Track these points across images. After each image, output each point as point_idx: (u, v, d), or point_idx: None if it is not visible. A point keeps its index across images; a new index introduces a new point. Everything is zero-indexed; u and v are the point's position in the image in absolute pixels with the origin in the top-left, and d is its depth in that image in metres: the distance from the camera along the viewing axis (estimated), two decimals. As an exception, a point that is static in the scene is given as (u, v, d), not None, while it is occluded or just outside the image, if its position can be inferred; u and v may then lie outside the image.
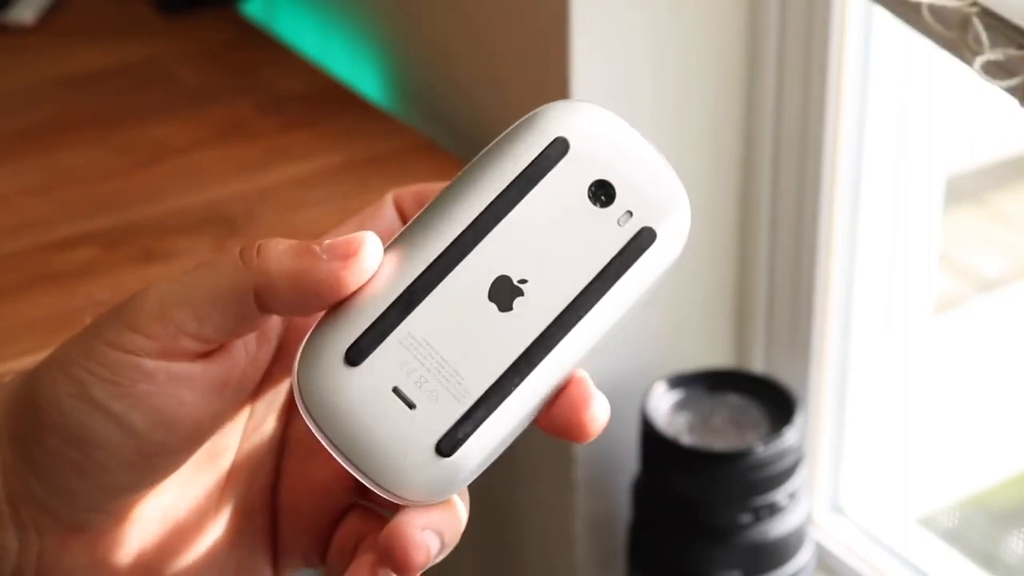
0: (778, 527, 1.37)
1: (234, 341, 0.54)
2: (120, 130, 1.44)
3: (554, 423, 0.53)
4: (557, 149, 0.52)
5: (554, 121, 0.53)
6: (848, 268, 1.41)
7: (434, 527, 0.52)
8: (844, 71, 1.33)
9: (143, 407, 0.52)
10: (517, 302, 0.52)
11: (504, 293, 0.52)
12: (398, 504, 0.52)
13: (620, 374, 1.44)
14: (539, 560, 1.57)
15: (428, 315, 0.51)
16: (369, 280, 0.52)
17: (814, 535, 1.45)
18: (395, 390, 0.51)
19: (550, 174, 0.52)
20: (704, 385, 1.42)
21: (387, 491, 0.52)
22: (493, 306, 0.52)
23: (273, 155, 1.41)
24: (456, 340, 0.51)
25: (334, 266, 0.51)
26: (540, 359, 0.52)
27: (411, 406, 0.51)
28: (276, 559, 0.58)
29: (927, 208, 1.41)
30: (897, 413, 1.48)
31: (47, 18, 1.61)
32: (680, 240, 0.54)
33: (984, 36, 1.05)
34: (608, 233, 0.52)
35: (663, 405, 1.40)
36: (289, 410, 0.58)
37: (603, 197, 0.53)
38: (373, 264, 0.51)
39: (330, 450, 0.52)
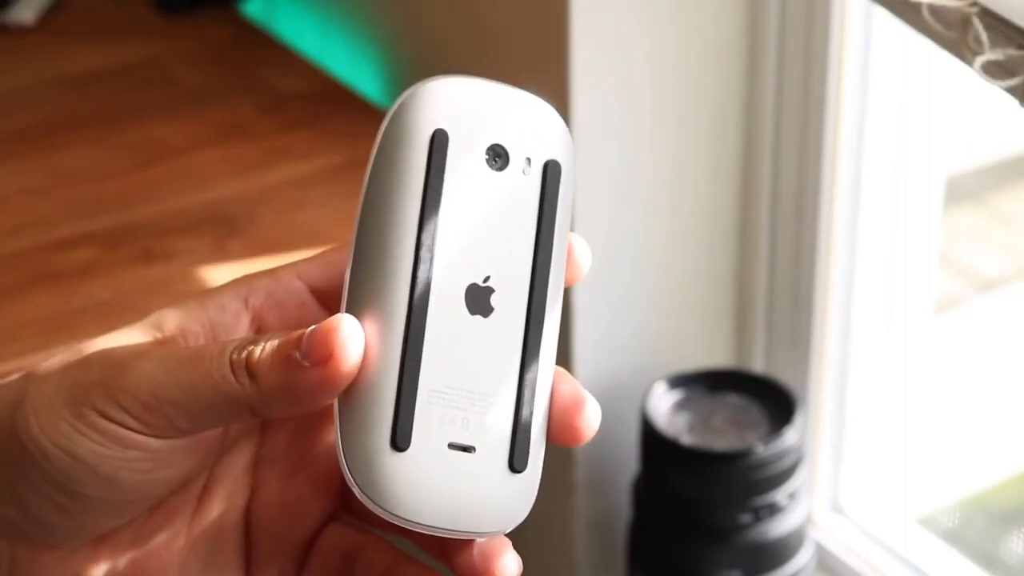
0: (778, 527, 1.37)
1: None
2: (120, 130, 1.44)
3: (551, 431, 0.54)
4: (440, 142, 0.53)
5: (420, 116, 0.53)
6: (848, 268, 1.41)
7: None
8: (844, 71, 1.33)
9: (132, 469, 0.53)
10: (493, 300, 0.53)
11: (479, 300, 0.52)
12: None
13: (620, 374, 1.44)
14: (539, 560, 1.57)
15: (434, 363, 0.52)
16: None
17: (814, 535, 1.45)
18: (450, 446, 0.52)
19: (447, 168, 0.53)
20: (704, 385, 1.42)
21: (496, 534, 0.53)
22: (478, 317, 0.52)
23: (273, 155, 1.41)
24: (468, 367, 0.52)
25: (318, 374, 0.51)
26: (539, 337, 0.53)
27: (470, 450, 0.52)
28: (249, 574, 0.58)
29: (927, 208, 1.41)
30: (897, 413, 1.48)
31: (47, 18, 1.61)
32: (572, 152, 0.55)
33: (984, 36, 1.05)
34: (521, 187, 0.53)
35: (663, 405, 1.40)
36: (262, 429, 0.58)
37: (499, 159, 0.54)
38: (356, 357, 0.51)
39: (428, 532, 0.52)
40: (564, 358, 1.45)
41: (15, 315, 1.22)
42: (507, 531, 0.53)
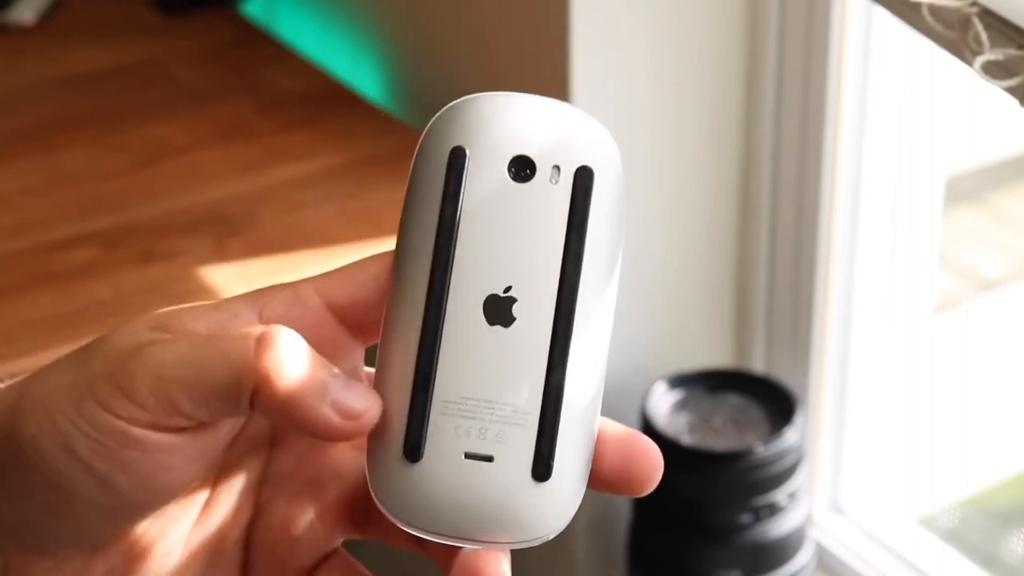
0: (778, 527, 1.37)
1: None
2: (120, 130, 1.44)
3: (615, 481, 0.54)
4: (457, 159, 0.52)
5: (442, 135, 0.53)
6: (848, 268, 1.41)
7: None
8: (844, 71, 1.33)
9: (128, 470, 0.52)
10: (515, 310, 0.52)
11: (500, 310, 0.52)
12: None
13: (620, 374, 1.44)
14: (539, 560, 1.57)
15: (449, 375, 0.51)
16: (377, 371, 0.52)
17: (814, 535, 1.45)
18: (467, 455, 0.51)
19: (465, 184, 0.52)
20: (704, 385, 1.42)
21: (524, 543, 0.52)
22: (498, 327, 0.52)
23: (273, 155, 1.41)
24: (486, 377, 0.52)
25: (335, 422, 0.50)
26: (567, 345, 0.52)
27: (489, 459, 0.51)
28: None
29: (927, 208, 1.41)
30: (897, 413, 1.48)
31: (47, 18, 1.61)
32: (616, 157, 0.53)
33: (984, 36, 1.05)
34: (549, 197, 0.52)
35: (663, 405, 1.40)
36: (269, 448, 0.57)
37: (525, 171, 0.52)
38: (368, 425, 0.51)
39: (445, 542, 0.52)
40: (564, 358, 1.45)
41: (15, 315, 1.22)
42: (531, 542, 0.52)
